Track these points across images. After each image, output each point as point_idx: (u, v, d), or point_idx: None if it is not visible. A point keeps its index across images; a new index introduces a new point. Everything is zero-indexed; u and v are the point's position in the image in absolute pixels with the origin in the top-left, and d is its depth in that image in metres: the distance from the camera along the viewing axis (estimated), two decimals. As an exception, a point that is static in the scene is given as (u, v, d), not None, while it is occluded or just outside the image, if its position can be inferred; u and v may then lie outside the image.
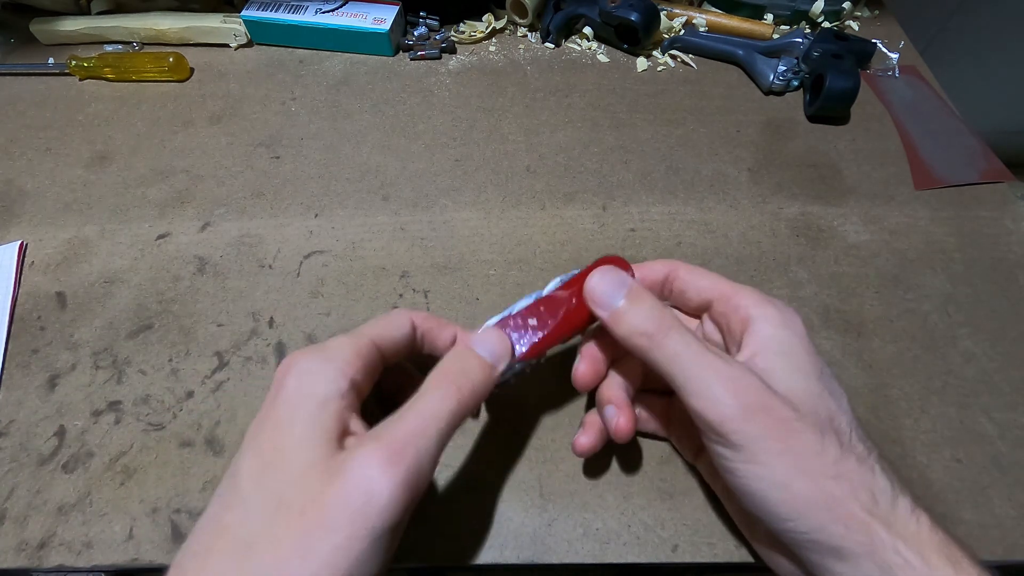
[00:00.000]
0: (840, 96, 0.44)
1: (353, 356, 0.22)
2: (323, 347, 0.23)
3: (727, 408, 0.21)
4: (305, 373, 0.22)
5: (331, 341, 0.23)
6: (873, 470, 0.22)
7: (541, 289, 0.27)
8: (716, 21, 0.53)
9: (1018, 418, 0.31)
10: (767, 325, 0.24)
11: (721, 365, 0.22)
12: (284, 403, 0.21)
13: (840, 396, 0.23)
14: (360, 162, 0.44)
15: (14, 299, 0.36)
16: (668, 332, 0.23)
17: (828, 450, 0.21)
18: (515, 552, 0.27)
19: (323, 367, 0.22)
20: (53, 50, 0.52)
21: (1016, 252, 0.38)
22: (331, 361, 0.22)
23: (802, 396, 0.22)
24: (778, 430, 0.21)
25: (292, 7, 0.51)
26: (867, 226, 0.40)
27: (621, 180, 0.42)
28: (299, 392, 0.21)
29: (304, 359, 0.22)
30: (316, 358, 0.22)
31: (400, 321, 0.25)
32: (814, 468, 0.21)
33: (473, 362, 0.24)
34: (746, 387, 0.22)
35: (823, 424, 0.22)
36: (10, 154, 0.45)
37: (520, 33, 0.54)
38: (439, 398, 0.22)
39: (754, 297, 0.25)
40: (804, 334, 0.24)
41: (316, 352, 0.22)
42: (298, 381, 0.22)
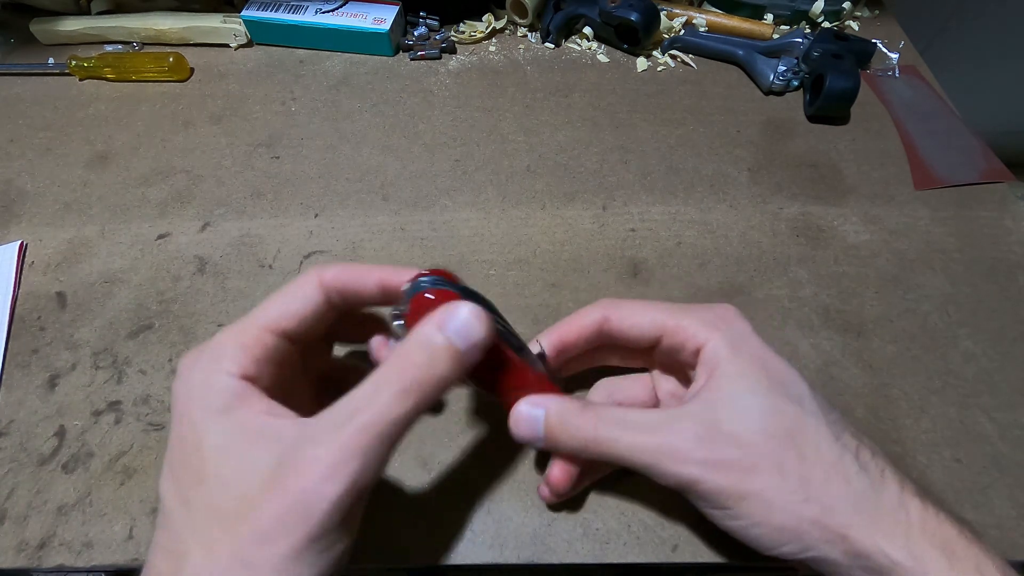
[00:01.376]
0: (840, 96, 0.44)
1: (237, 351, 0.21)
2: (205, 347, 0.21)
3: (684, 475, 0.22)
4: (192, 383, 0.21)
5: (215, 337, 0.22)
6: (847, 476, 0.21)
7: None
8: (716, 21, 0.53)
9: (1018, 418, 0.31)
10: (714, 354, 0.24)
11: (662, 438, 0.22)
12: (181, 416, 0.20)
13: (802, 397, 0.23)
14: (360, 162, 0.44)
15: (14, 299, 0.36)
16: (599, 436, 0.23)
17: (789, 478, 0.21)
18: (515, 552, 0.27)
19: (207, 371, 0.21)
20: (53, 50, 0.52)
21: (1016, 252, 0.38)
22: (216, 361, 0.21)
23: (754, 428, 0.22)
24: (733, 480, 0.22)
25: (292, 7, 0.51)
26: (867, 226, 0.40)
27: (621, 180, 0.42)
28: (191, 402, 0.20)
29: (187, 367, 0.21)
30: (199, 362, 0.21)
31: (304, 291, 0.23)
32: (780, 501, 0.21)
33: (439, 350, 0.20)
34: (686, 452, 0.22)
35: (781, 448, 0.22)
36: (10, 154, 0.45)
37: (520, 33, 0.54)
38: (392, 397, 0.19)
39: (695, 326, 0.24)
40: (756, 346, 0.24)
41: (198, 355, 0.21)
42: (187, 390, 0.21)
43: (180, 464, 0.20)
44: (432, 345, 0.20)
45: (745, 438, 0.22)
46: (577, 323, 0.26)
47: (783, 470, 0.21)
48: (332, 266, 0.24)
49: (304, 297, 0.23)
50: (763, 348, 0.24)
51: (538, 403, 0.24)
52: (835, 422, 0.23)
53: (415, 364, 0.20)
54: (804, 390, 0.23)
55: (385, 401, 0.19)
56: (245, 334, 0.21)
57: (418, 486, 0.29)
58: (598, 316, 0.26)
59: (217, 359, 0.21)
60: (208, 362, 0.21)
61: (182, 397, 0.21)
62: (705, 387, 0.23)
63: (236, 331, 0.22)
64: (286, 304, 0.23)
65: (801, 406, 0.23)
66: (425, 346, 0.20)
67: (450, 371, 0.20)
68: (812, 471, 0.21)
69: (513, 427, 0.24)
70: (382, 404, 0.19)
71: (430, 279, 0.22)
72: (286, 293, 0.23)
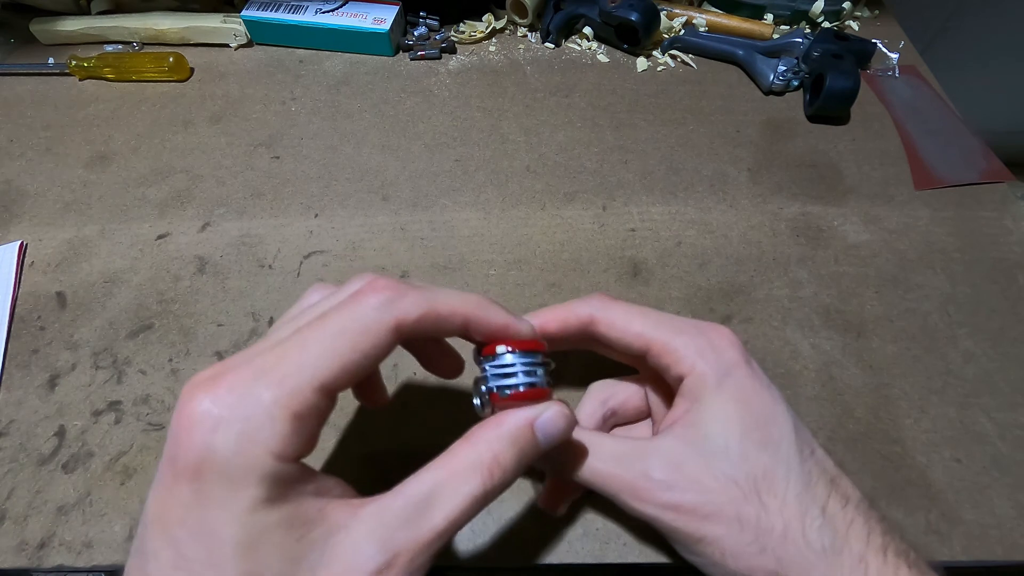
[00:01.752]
0: (840, 96, 0.44)
1: (286, 424, 0.16)
2: (237, 405, 0.16)
3: (643, 513, 0.22)
4: (217, 453, 0.16)
5: (249, 386, 0.17)
6: (807, 531, 0.21)
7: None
8: (716, 21, 0.53)
9: (1018, 418, 0.31)
10: (696, 387, 0.23)
11: (625, 473, 0.22)
12: (202, 477, 0.16)
13: (780, 441, 0.22)
14: (360, 162, 0.44)
15: (14, 299, 0.36)
16: (566, 460, 0.23)
17: (747, 529, 0.21)
18: (515, 552, 0.27)
19: (243, 444, 0.16)
20: (53, 50, 0.52)
21: (1016, 252, 0.38)
22: (254, 433, 0.16)
23: (719, 474, 0.22)
24: (690, 525, 0.22)
25: (292, 7, 0.51)
26: (867, 226, 0.40)
27: (621, 180, 0.42)
28: (216, 466, 0.16)
29: (208, 421, 0.16)
30: (235, 428, 0.16)
31: (374, 339, 0.18)
32: (735, 551, 0.21)
33: (528, 442, 0.20)
34: (647, 492, 0.22)
35: (744, 498, 0.21)
36: (10, 154, 0.44)
37: (520, 33, 0.54)
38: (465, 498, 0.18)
39: (683, 350, 0.23)
40: (742, 381, 0.23)
41: (230, 416, 0.16)
42: (210, 450, 0.16)
43: (190, 543, 0.16)
44: (522, 437, 0.20)
45: (708, 484, 0.22)
46: (562, 317, 0.25)
47: (742, 521, 0.21)
48: (412, 304, 0.19)
49: (374, 347, 0.18)
50: (751, 381, 0.23)
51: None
52: (810, 470, 0.22)
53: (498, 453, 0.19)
54: (786, 431, 0.23)
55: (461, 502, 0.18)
56: (297, 399, 0.17)
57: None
58: (585, 316, 0.25)
59: (256, 430, 0.16)
60: (243, 430, 0.16)
61: (202, 453, 0.16)
62: (680, 421, 0.23)
63: (283, 390, 0.17)
64: (349, 354, 0.18)
65: (776, 452, 0.22)
66: (515, 437, 0.20)
67: (523, 466, 0.20)
68: (773, 523, 0.21)
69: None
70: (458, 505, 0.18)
71: (524, 367, 0.20)
72: (348, 335, 0.18)
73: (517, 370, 0.20)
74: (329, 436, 0.30)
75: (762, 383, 0.24)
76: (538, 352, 0.21)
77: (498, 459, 0.19)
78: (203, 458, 0.16)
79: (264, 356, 0.17)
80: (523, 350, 0.21)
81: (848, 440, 0.31)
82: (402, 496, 0.18)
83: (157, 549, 0.16)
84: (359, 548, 0.17)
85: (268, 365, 0.17)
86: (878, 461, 0.30)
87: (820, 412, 0.31)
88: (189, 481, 0.16)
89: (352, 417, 0.31)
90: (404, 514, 0.18)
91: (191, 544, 0.16)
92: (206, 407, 0.16)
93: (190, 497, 0.16)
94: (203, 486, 0.16)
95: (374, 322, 0.18)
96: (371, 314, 0.18)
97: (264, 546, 0.16)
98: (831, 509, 0.21)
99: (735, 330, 0.34)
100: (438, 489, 0.18)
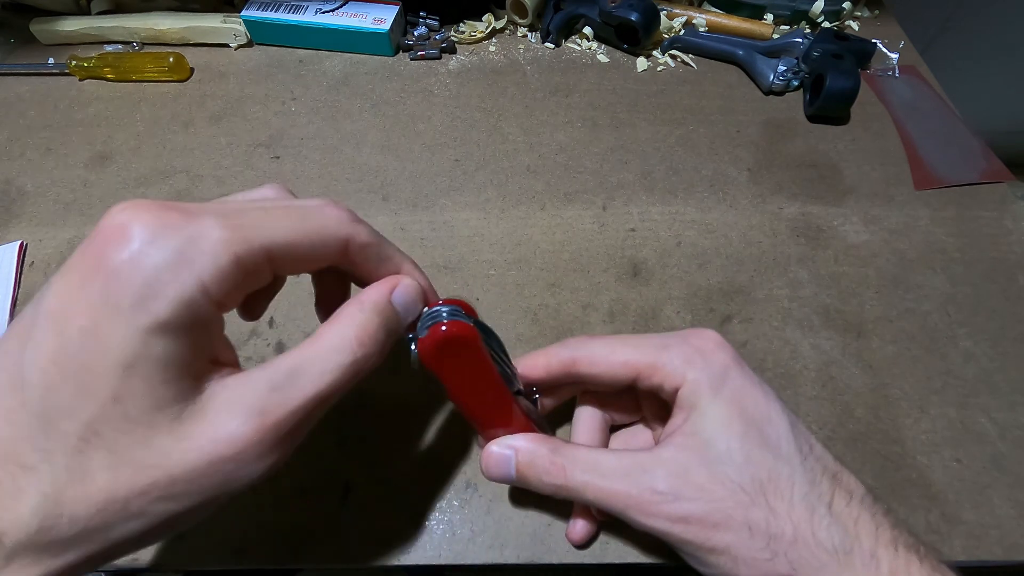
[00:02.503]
0: (840, 96, 0.44)
1: (226, 265, 0.16)
2: (184, 227, 0.16)
3: (652, 528, 0.22)
4: (145, 265, 0.16)
5: (199, 223, 0.16)
6: (816, 531, 0.21)
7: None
8: (716, 21, 0.53)
9: (1018, 418, 0.31)
10: (691, 395, 0.23)
11: (630, 488, 0.22)
12: (119, 281, 0.15)
13: (779, 440, 0.22)
14: (360, 162, 0.44)
15: (14, 299, 0.36)
16: (569, 483, 0.23)
17: (757, 536, 0.21)
18: (515, 552, 0.27)
19: (175, 265, 0.16)
20: (53, 50, 0.52)
21: (1016, 252, 0.38)
22: (190, 262, 0.16)
23: (725, 480, 0.22)
24: (701, 535, 0.22)
25: (292, 7, 0.51)
26: (867, 226, 0.40)
27: (621, 180, 0.42)
28: (139, 275, 0.15)
29: (156, 237, 0.16)
30: (173, 242, 0.16)
31: (328, 233, 0.19)
32: (748, 558, 0.21)
33: (389, 312, 0.21)
34: (654, 506, 0.22)
35: (752, 503, 0.21)
36: (10, 154, 0.45)
37: (520, 33, 0.54)
38: (336, 366, 0.19)
39: (672, 364, 0.23)
40: (736, 382, 0.23)
41: (173, 233, 0.16)
42: (141, 256, 0.16)
43: (86, 342, 0.15)
44: (384, 308, 0.20)
45: (714, 491, 0.22)
46: (543, 364, 0.25)
47: (752, 527, 0.21)
48: (365, 233, 0.21)
49: (324, 246, 0.19)
50: (744, 381, 0.23)
51: (509, 444, 0.24)
52: (812, 466, 0.22)
53: (363, 323, 0.20)
54: (783, 430, 0.23)
55: (332, 369, 0.18)
56: (245, 247, 0.17)
57: (418, 486, 0.29)
58: (566, 358, 0.25)
59: (195, 254, 0.16)
60: (183, 249, 0.16)
61: (128, 268, 0.16)
62: (680, 430, 0.23)
63: (234, 234, 0.17)
64: (303, 238, 0.19)
65: (777, 451, 0.22)
66: (377, 308, 0.20)
67: (389, 337, 0.20)
68: (782, 527, 0.21)
69: (484, 468, 0.25)
70: (330, 372, 0.18)
71: (448, 308, 0.22)
72: (309, 223, 0.19)
73: (443, 311, 0.22)
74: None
75: (753, 383, 0.23)
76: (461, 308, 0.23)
77: (366, 329, 0.19)
78: (130, 263, 0.16)
79: (225, 206, 0.18)
80: (450, 304, 0.23)
81: (848, 440, 0.31)
82: (269, 367, 0.18)
83: (43, 339, 0.16)
84: (224, 415, 0.17)
85: (227, 211, 0.17)
86: (878, 461, 0.30)
87: (820, 412, 0.31)
88: (104, 282, 0.16)
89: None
90: (271, 382, 0.18)
91: (77, 346, 0.15)
92: (151, 218, 0.16)
93: (98, 299, 0.16)
94: (117, 291, 0.15)
95: (333, 226, 0.20)
96: (332, 218, 0.20)
97: (140, 376, 0.16)
98: (837, 506, 0.21)
99: (735, 330, 0.34)
100: (307, 361, 0.18)
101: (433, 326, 0.22)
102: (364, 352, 0.19)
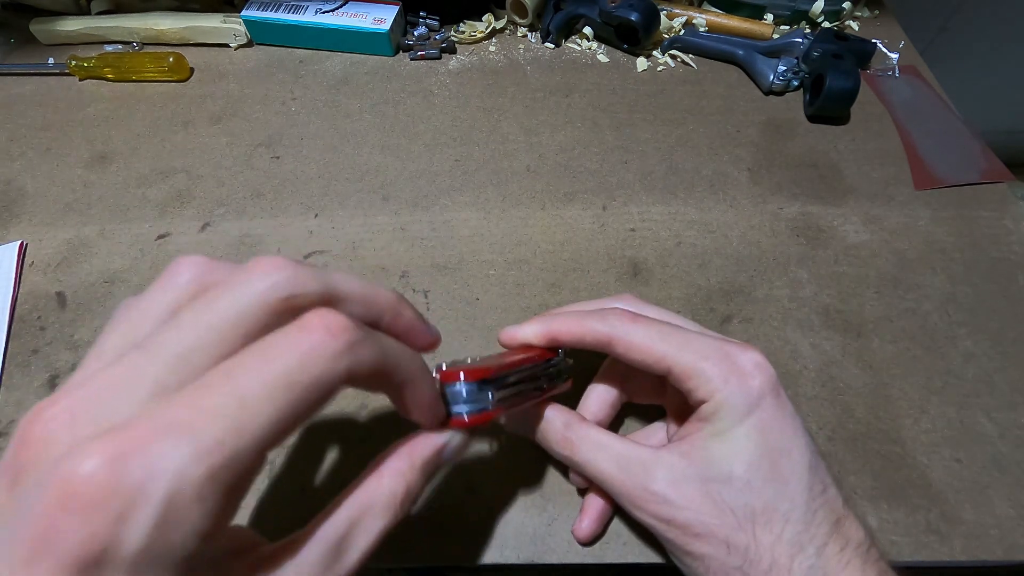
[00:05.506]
0: (840, 96, 0.44)
1: (215, 499, 0.13)
2: (160, 476, 0.13)
3: (639, 518, 0.23)
4: (134, 535, 0.12)
5: (173, 459, 0.13)
6: (790, 569, 0.21)
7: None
8: (716, 21, 0.53)
9: (1018, 418, 0.31)
10: (716, 410, 0.22)
11: (628, 479, 0.23)
12: (95, 574, 0.12)
13: (790, 477, 0.22)
14: (360, 162, 0.44)
15: (14, 299, 0.36)
16: (575, 457, 0.25)
17: (734, 554, 0.21)
18: (515, 552, 0.27)
19: (165, 523, 0.13)
20: (53, 50, 0.52)
21: (1016, 252, 0.38)
22: (181, 514, 0.13)
23: (720, 500, 0.22)
24: (681, 539, 0.22)
25: (292, 7, 0.51)
26: (867, 226, 0.40)
27: (621, 180, 0.42)
28: (118, 563, 0.12)
29: (127, 505, 0.12)
30: (150, 507, 0.12)
31: (324, 391, 0.15)
32: (718, 570, 0.22)
33: (435, 467, 0.20)
34: (645, 502, 0.23)
35: (739, 526, 0.21)
36: (10, 154, 0.44)
37: (520, 33, 0.54)
38: (378, 532, 0.18)
39: (709, 372, 0.22)
40: (767, 412, 0.22)
41: (152, 504, 0.12)
42: (114, 542, 0.12)
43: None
44: (431, 464, 0.20)
45: (704, 507, 0.22)
46: (578, 334, 0.25)
47: (731, 546, 0.21)
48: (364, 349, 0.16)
49: (321, 402, 0.15)
50: (775, 413, 0.22)
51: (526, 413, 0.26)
52: (816, 509, 0.22)
53: (410, 483, 0.19)
54: (799, 467, 0.22)
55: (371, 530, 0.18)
56: (234, 470, 0.13)
57: (418, 486, 0.29)
58: (603, 336, 0.24)
59: (181, 514, 0.13)
60: (164, 517, 0.13)
61: (96, 563, 0.12)
62: (690, 439, 0.23)
63: (215, 460, 0.13)
64: (295, 410, 0.15)
65: (783, 487, 0.22)
66: (425, 467, 0.20)
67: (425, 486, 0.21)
68: (761, 556, 0.21)
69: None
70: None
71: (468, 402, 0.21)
72: (298, 389, 0.15)
73: (462, 398, 0.21)
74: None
75: (786, 415, 0.23)
76: (485, 378, 0.22)
77: (410, 490, 0.19)
78: (102, 552, 0.12)
79: (185, 400, 0.14)
80: (469, 380, 0.21)
81: (848, 440, 0.31)
82: (318, 541, 0.17)
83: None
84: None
85: (193, 420, 0.13)
86: (878, 461, 0.30)
87: (820, 412, 0.31)
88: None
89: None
90: (322, 560, 0.17)
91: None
92: (113, 485, 0.12)
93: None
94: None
95: (326, 373, 0.15)
96: (321, 363, 0.15)
97: None
98: (828, 551, 0.21)
99: (735, 330, 0.34)
100: (353, 528, 0.18)
101: (456, 418, 0.21)
102: (403, 513, 0.19)
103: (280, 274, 0.16)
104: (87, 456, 0.12)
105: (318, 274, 0.17)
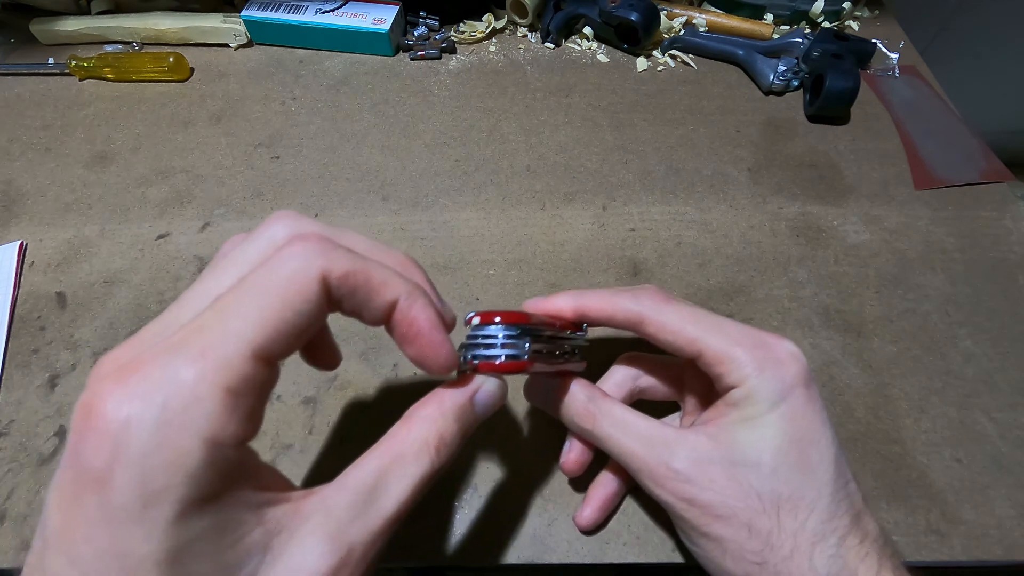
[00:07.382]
0: (840, 96, 0.44)
1: (220, 404, 0.14)
2: (152, 389, 0.14)
3: (659, 497, 0.23)
4: (137, 451, 0.13)
5: (163, 374, 0.14)
6: (814, 558, 0.20)
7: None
8: (716, 21, 0.53)
9: (1018, 418, 0.31)
10: (746, 397, 0.22)
11: (649, 456, 0.23)
12: (111, 486, 0.13)
13: (816, 466, 0.22)
14: (360, 162, 0.44)
15: (14, 299, 0.36)
16: (595, 432, 0.24)
17: (755, 538, 0.21)
18: (515, 552, 0.27)
19: (171, 436, 0.14)
20: (53, 50, 0.52)
21: (1016, 252, 0.38)
22: (185, 421, 0.14)
23: (744, 483, 0.21)
24: (701, 519, 0.22)
25: (292, 7, 0.51)
26: (867, 226, 0.40)
27: (621, 180, 0.42)
28: (128, 472, 0.13)
29: (130, 422, 0.13)
30: (150, 415, 0.14)
31: (301, 295, 0.16)
32: (736, 554, 0.21)
33: (468, 415, 0.20)
34: (666, 480, 0.22)
35: (762, 511, 0.21)
36: (10, 154, 0.45)
37: (520, 33, 0.54)
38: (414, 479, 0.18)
39: (742, 359, 0.22)
40: (797, 402, 0.22)
41: (145, 405, 0.14)
42: (120, 450, 0.13)
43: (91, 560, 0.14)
44: (464, 412, 0.20)
45: (729, 489, 0.21)
46: (608, 312, 0.24)
47: (753, 529, 0.21)
48: (340, 260, 0.17)
49: (305, 302, 0.16)
50: (807, 404, 0.22)
51: (548, 384, 0.26)
52: (840, 501, 0.21)
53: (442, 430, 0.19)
54: (828, 457, 0.22)
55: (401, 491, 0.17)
56: (228, 370, 0.14)
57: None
58: (634, 315, 0.24)
59: (179, 415, 0.14)
60: (162, 418, 0.14)
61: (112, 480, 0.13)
62: (716, 422, 0.23)
63: (208, 363, 0.14)
64: (280, 312, 0.15)
65: (812, 476, 0.21)
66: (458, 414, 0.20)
67: (465, 438, 0.20)
68: (783, 542, 0.21)
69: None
70: (400, 497, 0.17)
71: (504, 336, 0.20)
72: (275, 291, 0.16)
73: (498, 342, 0.21)
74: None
75: (816, 407, 0.22)
76: (522, 324, 0.21)
77: (443, 437, 0.19)
78: (111, 462, 0.13)
79: (181, 330, 0.15)
80: (507, 323, 0.21)
81: (848, 440, 0.31)
82: (348, 487, 0.17)
83: (59, 570, 0.14)
84: (308, 548, 0.16)
85: (185, 338, 0.15)
86: (878, 461, 0.30)
87: (820, 412, 0.31)
88: (95, 491, 0.13)
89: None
90: (353, 506, 0.17)
91: (100, 566, 0.13)
92: (115, 400, 0.14)
93: (96, 512, 0.13)
94: (112, 498, 0.13)
95: (299, 273, 0.16)
96: (293, 264, 0.16)
97: (192, 559, 0.14)
98: (849, 542, 0.21)
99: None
100: (385, 475, 0.18)
101: (486, 361, 0.21)
102: (441, 461, 0.18)
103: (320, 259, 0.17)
104: (96, 385, 0.14)
105: (347, 258, 0.17)
